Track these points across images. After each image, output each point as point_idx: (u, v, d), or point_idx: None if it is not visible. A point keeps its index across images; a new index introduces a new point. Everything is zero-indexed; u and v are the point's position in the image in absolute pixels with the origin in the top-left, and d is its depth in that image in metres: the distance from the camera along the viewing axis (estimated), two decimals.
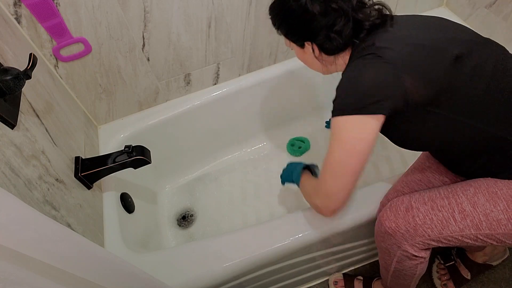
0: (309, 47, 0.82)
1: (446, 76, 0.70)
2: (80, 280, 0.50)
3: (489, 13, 1.31)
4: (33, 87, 0.93)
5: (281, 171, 1.12)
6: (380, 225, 0.87)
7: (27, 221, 0.44)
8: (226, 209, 1.45)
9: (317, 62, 0.86)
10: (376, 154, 1.49)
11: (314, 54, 0.83)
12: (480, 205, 0.76)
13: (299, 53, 0.88)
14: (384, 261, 0.95)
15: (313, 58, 0.84)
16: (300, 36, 0.82)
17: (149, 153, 1.07)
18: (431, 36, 0.73)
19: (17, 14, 0.96)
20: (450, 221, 0.78)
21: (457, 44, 0.72)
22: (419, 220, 0.81)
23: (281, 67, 1.42)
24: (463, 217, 0.77)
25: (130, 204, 1.20)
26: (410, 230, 0.81)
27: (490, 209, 0.75)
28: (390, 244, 0.87)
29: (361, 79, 0.70)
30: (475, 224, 0.76)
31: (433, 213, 0.80)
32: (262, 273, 1.02)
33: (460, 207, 0.78)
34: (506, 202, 0.74)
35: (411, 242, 0.83)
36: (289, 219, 1.00)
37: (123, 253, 0.99)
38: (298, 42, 0.84)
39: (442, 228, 0.79)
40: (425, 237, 0.81)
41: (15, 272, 0.41)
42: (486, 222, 0.75)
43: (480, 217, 0.76)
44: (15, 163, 0.73)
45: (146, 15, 1.09)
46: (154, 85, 1.30)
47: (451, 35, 0.75)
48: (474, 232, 0.77)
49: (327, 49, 0.80)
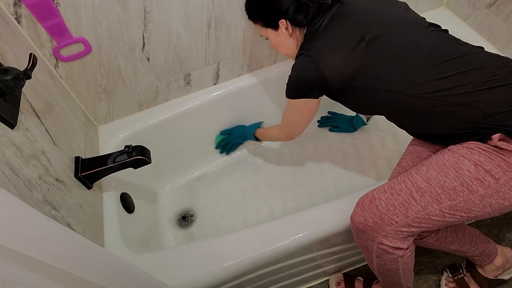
0: (283, 27, 1.00)
1: (357, 60, 0.88)
2: (80, 280, 0.50)
3: (489, 14, 1.31)
4: (33, 87, 0.93)
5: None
6: (352, 223, 0.91)
7: (27, 221, 0.44)
8: (226, 209, 1.45)
9: (290, 42, 1.03)
10: (376, 154, 1.50)
11: (288, 32, 1.01)
12: (433, 179, 0.81)
13: (275, 38, 1.05)
14: (367, 259, 0.97)
15: (287, 38, 1.02)
16: (273, 16, 0.99)
17: (149, 153, 1.07)
18: (352, 27, 0.91)
19: (17, 14, 0.96)
20: (411, 202, 0.82)
21: (373, 28, 0.89)
22: (382, 209, 0.85)
23: (281, 67, 1.42)
24: (421, 194, 0.82)
25: (130, 204, 1.20)
26: (377, 221, 0.85)
27: (443, 180, 0.80)
28: (365, 240, 0.90)
29: (297, 77, 0.97)
30: (434, 198, 0.80)
31: (393, 198, 0.84)
32: (262, 273, 1.02)
33: (416, 186, 0.83)
34: (455, 170, 0.80)
35: (383, 233, 0.85)
36: (289, 219, 1.00)
37: (123, 253, 0.99)
38: (273, 24, 1.01)
39: (406, 211, 0.82)
40: (393, 224, 0.84)
41: (15, 272, 0.41)
42: (443, 193, 0.80)
43: (436, 189, 0.80)
44: (15, 163, 0.73)
45: (146, 15, 1.09)
46: (154, 85, 1.30)
47: (369, 21, 0.91)
48: (436, 206, 0.80)
49: (299, 20, 0.97)
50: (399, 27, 0.90)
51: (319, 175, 1.48)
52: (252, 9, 1.06)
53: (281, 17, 0.98)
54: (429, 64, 0.85)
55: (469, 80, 0.82)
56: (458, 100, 0.81)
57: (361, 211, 0.88)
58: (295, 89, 1.00)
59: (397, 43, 0.88)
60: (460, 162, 0.80)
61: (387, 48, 0.88)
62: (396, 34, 0.89)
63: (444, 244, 1.02)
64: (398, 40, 0.88)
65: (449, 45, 0.88)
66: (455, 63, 0.84)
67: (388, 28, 0.90)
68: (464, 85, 0.82)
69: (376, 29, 0.89)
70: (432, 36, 0.89)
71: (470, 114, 0.80)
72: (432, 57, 0.86)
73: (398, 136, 1.53)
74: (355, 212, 0.90)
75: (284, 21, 0.98)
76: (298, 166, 1.52)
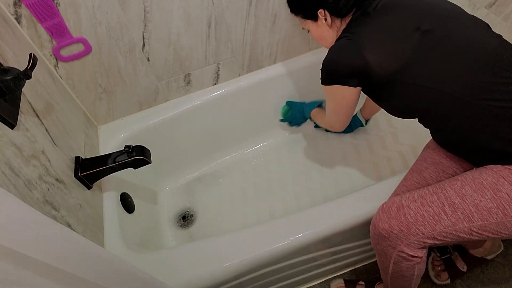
0: (322, 18, 0.96)
1: (409, 51, 0.81)
2: (80, 280, 0.50)
3: (489, 14, 1.31)
4: (33, 87, 0.93)
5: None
6: (374, 228, 0.88)
7: (27, 221, 0.44)
8: (226, 209, 1.45)
9: (330, 34, 0.99)
10: (376, 154, 1.49)
11: (327, 23, 0.96)
12: (468, 197, 0.78)
13: (315, 29, 1.02)
14: (382, 264, 0.95)
15: (327, 29, 0.98)
16: (312, 5, 0.96)
17: (149, 153, 1.07)
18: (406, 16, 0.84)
19: (17, 14, 0.96)
20: (442, 216, 0.79)
21: (430, 20, 0.82)
22: (411, 218, 0.81)
23: (281, 67, 1.42)
24: (454, 210, 0.78)
25: (130, 204, 1.20)
26: (404, 230, 0.82)
27: (478, 199, 0.76)
28: (386, 246, 0.87)
29: (334, 57, 0.89)
30: (466, 216, 0.77)
31: (423, 209, 0.81)
32: (262, 273, 1.02)
33: (449, 200, 0.79)
34: (493, 191, 0.76)
35: (406, 242, 0.83)
36: (289, 219, 1.00)
37: (123, 253, 0.99)
38: (312, 15, 0.98)
39: (435, 224, 0.79)
40: (419, 235, 0.81)
41: (15, 272, 0.41)
42: (477, 212, 0.76)
43: (470, 208, 0.77)
44: (15, 163, 0.73)
45: (146, 15, 1.09)
46: (154, 85, 1.30)
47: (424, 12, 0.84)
48: (467, 224, 0.77)
49: (339, 10, 0.92)
50: (458, 23, 0.82)
51: (319, 175, 1.48)
52: (292, 1, 1.04)
53: (320, 7, 0.94)
54: (491, 67, 0.77)
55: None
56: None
57: (386, 218, 0.85)
58: (331, 74, 0.90)
59: (456, 40, 0.80)
60: (499, 184, 0.75)
61: (445, 43, 0.79)
62: (455, 30, 0.81)
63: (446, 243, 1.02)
64: (457, 37, 0.80)
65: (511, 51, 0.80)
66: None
67: (447, 22, 0.82)
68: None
69: (434, 21, 0.81)
70: (493, 38, 0.83)
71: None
72: (495, 60, 0.78)
73: (398, 136, 1.53)
74: (379, 218, 0.86)
75: (323, 11, 0.94)
76: (298, 166, 1.52)
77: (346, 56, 0.86)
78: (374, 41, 0.83)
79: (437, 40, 0.80)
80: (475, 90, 0.77)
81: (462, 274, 1.21)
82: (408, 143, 1.48)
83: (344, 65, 0.86)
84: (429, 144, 1.00)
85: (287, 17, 1.27)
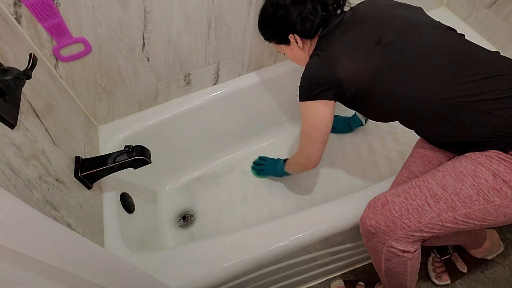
0: (293, 41, 1.03)
1: (374, 64, 0.86)
2: (80, 280, 0.50)
3: (489, 14, 1.31)
4: (33, 87, 0.93)
5: None
6: (362, 225, 0.90)
7: (27, 221, 0.44)
8: (226, 209, 1.45)
9: (304, 54, 1.05)
10: (376, 154, 1.50)
11: (298, 46, 1.03)
12: (449, 186, 0.80)
13: (289, 53, 1.09)
14: (375, 262, 0.96)
15: (299, 50, 1.05)
16: (283, 32, 1.03)
17: (149, 153, 1.07)
18: (368, 30, 0.90)
19: (17, 14, 0.96)
20: (425, 207, 0.81)
21: (390, 32, 0.87)
22: (396, 212, 0.84)
23: (281, 67, 1.42)
24: (436, 201, 0.80)
25: (130, 204, 1.20)
26: (390, 225, 0.84)
27: (459, 187, 0.79)
28: (375, 243, 0.89)
29: (309, 75, 0.94)
30: (449, 205, 0.79)
31: (407, 203, 0.83)
32: (262, 273, 1.02)
33: (432, 192, 0.81)
34: (472, 178, 0.78)
35: (394, 237, 0.84)
36: (289, 219, 1.00)
37: (123, 253, 0.99)
38: (284, 39, 1.05)
39: (419, 216, 0.81)
40: (405, 228, 0.83)
41: (15, 272, 0.41)
42: (459, 201, 0.78)
43: (452, 197, 0.79)
44: (15, 163, 0.73)
45: (146, 15, 1.09)
46: (154, 85, 1.30)
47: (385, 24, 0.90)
48: (451, 214, 0.79)
49: (306, 33, 0.99)
50: (417, 31, 0.88)
51: (319, 175, 1.48)
52: (263, 30, 1.11)
53: (289, 32, 1.01)
54: (451, 68, 0.83)
55: (494, 86, 0.79)
56: (482, 106, 0.79)
57: (373, 214, 0.87)
58: (307, 89, 0.95)
59: (416, 48, 0.86)
60: (478, 170, 0.78)
61: (406, 53, 0.85)
62: (415, 38, 0.87)
63: (443, 242, 1.03)
64: (417, 45, 0.86)
65: (469, 49, 0.86)
66: (478, 68, 0.82)
67: (406, 32, 0.87)
68: (490, 91, 0.79)
69: (394, 33, 0.87)
70: (452, 40, 0.87)
71: (494, 122, 0.78)
72: (454, 61, 0.83)
73: (398, 136, 1.53)
74: (366, 215, 0.89)
75: (293, 35, 1.01)
76: None
77: (318, 70, 0.92)
78: (341, 57, 0.89)
79: (399, 50, 0.86)
80: (439, 91, 0.83)
81: (463, 275, 1.21)
82: (408, 143, 1.48)
83: (318, 77, 0.92)
84: (417, 142, 1.04)
85: None
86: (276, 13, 1.01)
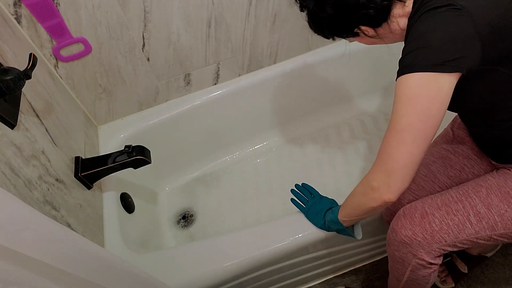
0: (362, 33, 0.77)
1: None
2: (80, 280, 0.50)
3: None
4: (33, 87, 0.93)
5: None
6: (395, 234, 0.85)
7: (27, 221, 0.44)
8: (226, 209, 1.45)
9: (377, 40, 0.79)
10: (376, 154, 1.49)
11: (369, 35, 0.77)
12: (495, 206, 0.77)
13: (363, 41, 0.83)
14: (396, 271, 0.93)
15: (372, 39, 0.79)
16: (348, 29, 0.77)
17: (149, 153, 1.07)
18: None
19: (17, 14, 0.95)
20: (466, 225, 0.78)
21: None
22: (436, 226, 0.80)
23: (281, 67, 1.42)
24: (479, 219, 0.78)
25: (130, 204, 1.20)
26: (427, 237, 0.81)
27: (504, 209, 0.76)
28: (405, 253, 0.85)
29: (437, 33, 0.61)
30: (490, 225, 0.77)
31: (449, 218, 0.80)
32: (262, 273, 1.02)
33: (475, 210, 0.78)
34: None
35: (428, 249, 0.82)
36: (289, 219, 1.00)
37: (123, 253, 0.99)
38: (352, 34, 0.79)
39: (459, 232, 0.79)
40: (441, 243, 0.80)
41: (15, 272, 0.41)
42: (501, 222, 0.76)
43: (495, 217, 0.77)
44: (15, 163, 0.73)
45: (146, 15, 1.09)
46: (154, 85, 1.30)
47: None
48: (489, 233, 0.78)
49: (374, 22, 0.73)
50: None
51: (319, 175, 1.48)
52: (324, 32, 0.81)
53: (355, 27, 0.76)
54: None
55: None
56: None
57: (409, 224, 0.82)
58: (432, 54, 0.62)
59: None
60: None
61: None
62: None
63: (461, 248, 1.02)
64: None
65: None
66: None
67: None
68: None
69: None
70: None
71: None
72: None
73: None
74: (401, 224, 0.84)
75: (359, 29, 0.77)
76: (298, 166, 1.52)
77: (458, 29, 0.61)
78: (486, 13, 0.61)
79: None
80: None
81: (464, 276, 1.21)
82: None
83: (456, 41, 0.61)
84: (436, 140, 1.00)
85: (287, 17, 1.27)
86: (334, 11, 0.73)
